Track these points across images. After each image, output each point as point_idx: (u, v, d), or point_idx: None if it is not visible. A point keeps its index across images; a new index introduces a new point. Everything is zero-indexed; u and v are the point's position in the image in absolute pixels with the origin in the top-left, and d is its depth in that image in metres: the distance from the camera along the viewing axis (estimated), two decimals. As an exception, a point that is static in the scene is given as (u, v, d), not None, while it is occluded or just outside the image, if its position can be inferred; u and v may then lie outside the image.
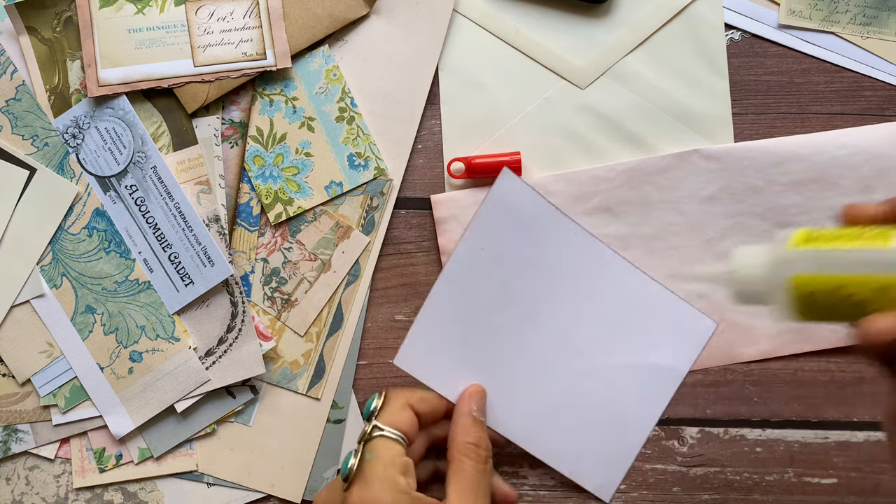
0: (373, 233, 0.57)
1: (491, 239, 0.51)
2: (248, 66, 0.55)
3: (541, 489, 0.58)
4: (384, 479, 0.44)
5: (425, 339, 0.50)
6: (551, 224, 0.52)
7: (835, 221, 0.55)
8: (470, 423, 0.48)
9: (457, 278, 0.51)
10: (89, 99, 0.55)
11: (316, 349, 0.57)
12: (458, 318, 0.51)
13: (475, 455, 0.46)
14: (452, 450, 0.47)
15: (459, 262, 0.51)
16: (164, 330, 0.56)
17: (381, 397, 0.48)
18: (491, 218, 0.51)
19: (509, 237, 0.51)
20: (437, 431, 0.50)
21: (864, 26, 0.58)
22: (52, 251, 0.55)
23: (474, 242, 0.51)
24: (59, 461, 0.57)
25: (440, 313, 0.51)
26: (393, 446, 0.45)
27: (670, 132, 0.58)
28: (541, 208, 0.52)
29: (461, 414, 0.48)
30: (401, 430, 0.46)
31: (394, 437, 0.45)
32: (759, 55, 0.59)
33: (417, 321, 0.50)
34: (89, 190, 0.55)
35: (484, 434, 0.48)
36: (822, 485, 0.57)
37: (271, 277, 0.57)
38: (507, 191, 0.51)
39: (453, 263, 0.50)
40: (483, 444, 0.47)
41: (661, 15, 0.58)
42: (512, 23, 0.58)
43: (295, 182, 0.57)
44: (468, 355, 0.52)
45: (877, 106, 0.58)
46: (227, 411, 0.57)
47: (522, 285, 0.52)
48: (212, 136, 0.56)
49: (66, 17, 0.55)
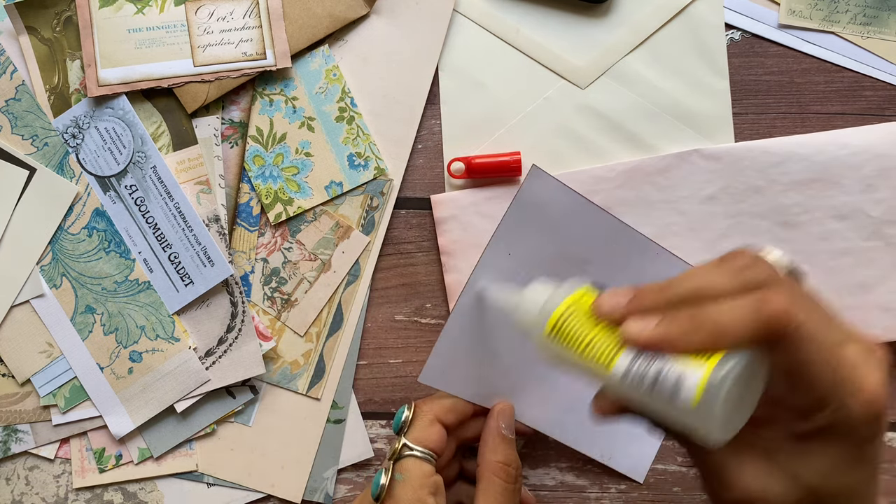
0: (373, 233, 0.57)
1: (518, 242, 0.48)
2: (247, 65, 0.55)
3: (541, 490, 0.58)
4: (414, 501, 0.44)
5: (450, 352, 0.48)
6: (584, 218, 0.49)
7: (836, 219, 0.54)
8: (499, 442, 0.47)
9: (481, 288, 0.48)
10: (89, 99, 0.55)
11: (316, 349, 0.57)
12: (483, 325, 0.49)
13: (505, 475, 0.46)
14: (482, 468, 0.47)
15: (485, 270, 0.48)
16: (164, 330, 0.55)
17: (411, 409, 0.48)
18: (519, 220, 0.48)
19: (537, 238, 0.49)
20: (465, 433, 0.50)
21: (865, 26, 0.58)
22: (52, 251, 0.55)
23: (501, 248, 0.48)
24: (58, 461, 0.57)
25: (464, 324, 0.48)
26: (423, 466, 0.45)
27: (670, 132, 0.58)
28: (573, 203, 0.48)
29: (490, 432, 0.48)
30: (430, 447, 0.46)
31: (423, 455, 0.45)
32: (759, 55, 0.59)
33: (441, 338, 0.48)
34: (89, 190, 0.55)
35: (513, 452, 0.48)
36: (822, 485, 0.57)
37: (271, 277, 0.57)
38: (535, 189, 0.47)
39: (479, 273, 0.48)
40: (513, 462, 0.47)
41: (662, 15, 0.58)
42: (512, 23, 0.58)
43: (295, 182, 0.57)
44: (496, 359, 0.50)
45: (877, 106, 0.58)
46: (227, 411, 0.56)
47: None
48: (212, 136, 0.56)
49: (66, 16, 0.55)
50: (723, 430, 0.34)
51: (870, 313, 0.56)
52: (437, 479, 0.45)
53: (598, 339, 0.37)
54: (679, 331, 0.34)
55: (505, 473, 0.46)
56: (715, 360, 0.33)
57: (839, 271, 0.56)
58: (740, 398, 0.34)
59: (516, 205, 0.47)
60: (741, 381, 0.33)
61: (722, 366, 0.33)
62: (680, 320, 0.34)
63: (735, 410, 0.34)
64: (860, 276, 0.56)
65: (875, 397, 0.33)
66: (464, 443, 0.50)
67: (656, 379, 0.35)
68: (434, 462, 0.46)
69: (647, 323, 0.35)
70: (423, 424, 0.47)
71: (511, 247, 0.48)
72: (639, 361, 0.35)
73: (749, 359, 0.33)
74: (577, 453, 0.58)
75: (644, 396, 0.35)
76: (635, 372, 0.35)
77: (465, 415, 0.49)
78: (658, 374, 0.34)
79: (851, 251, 0.56)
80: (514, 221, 0.48)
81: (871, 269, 0.56)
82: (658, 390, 0.34)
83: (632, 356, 0.36)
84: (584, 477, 0.58)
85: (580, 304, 0.39)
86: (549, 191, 0.48)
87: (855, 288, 0.56)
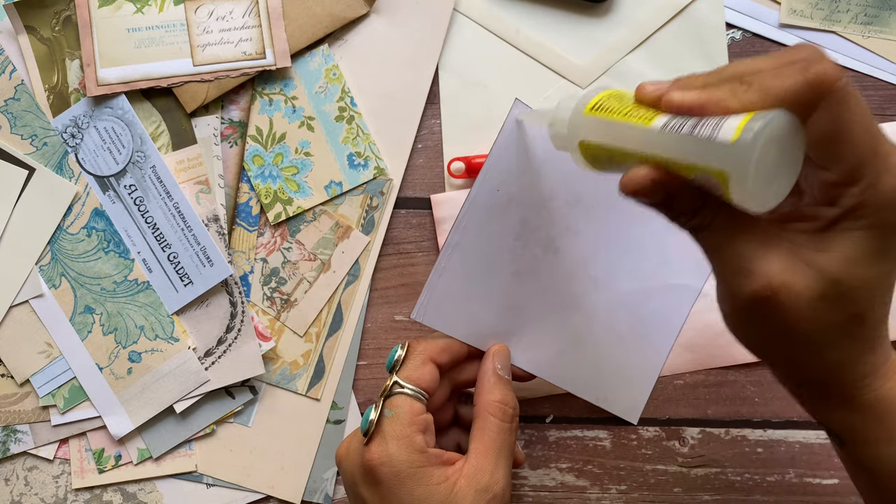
0: (372, 233, 0.57)
1: (506, 178, 0.48)
2: (247, 65, 0.55)
3: (541, 490, 0.57)
4: (402, 437, 0.44)
5: (443, 290, 0.49)
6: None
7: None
8: (495, 381, 0.47)
9: (473, 224, 0.49)
10: (88, 98, 0.55)
11: (315, 349, 0.57)
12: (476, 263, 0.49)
13: (501, 413, 0.46)
14: (478, 408, 0.46)
15: (475, 206, 0.48)
16: (164, 330, 0.55)
17: (404, 348, 0.48)
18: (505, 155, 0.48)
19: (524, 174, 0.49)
20: (459, 376, 0.50)
21: (866, 26, 0.58)
22: (51, 251, 0.55)
23: (489, 184, 0.48)
24: (58, 462, 0.57)
25: (457, 262, 0.49)
26: (413, 404, 0.45)
27: (671, 132, 0.58)
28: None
29: (486, 373, 0.48)
30: (421, 386, 0.46)
31: (414, 394, 0.45)
32: (760, 54, 0.58)
33: (434, 274, 0.48)
34: (88, 190, 0.55)
35: (510, 392, 0.47)
36: (823, 485, 0.57)
37: (271, 277, 0.57)
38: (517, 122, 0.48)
39: (468, 209, 0.48)
40: (510, 402, 0.47)
41: (662, 14, 0.58)
42: (512, 22, 0.58)
43: (294, 182, 0.57)
44: (489, 299, 0.50)
45: (878, 106, 0.58)
46: (227, 412, 0.56)
47: (541, 221, 0.50)
48: (211, 136, 0.56)
49: (65, 16, 0.55)
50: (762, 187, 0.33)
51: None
52: (427, 418, 0.45)
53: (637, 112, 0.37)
54: (722, 94, 0.34)
55: (501, 412, 0.46)
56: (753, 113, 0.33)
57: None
58: (779, 158, 0.33)
59: (500, 139, 0.47)
60: (780, 137, 0.33)
61: (762, 114, 0.33)
62: (724, 88, 0.34)
63: (773, 174, 0.33)
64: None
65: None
66: (459, 386, 0.50)
67: (696, 125, 0.34)
68: (425, 401, 0.46)
69: (691, 91, 0.34)
70: (415, 363, 0.46)
71: (500, 183, 0.48)
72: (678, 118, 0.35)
73: (788, 117, 0.33)
74: (578, 454, 0.58)
75: (681, 143, 0.34)
76: (675, 123, 0.35)
77: (459, 356, 0.49)
78: (698, 121, 0.34)
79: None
80: (500, 157, 0.48)
81: None
82: (697, 133, 0.34)
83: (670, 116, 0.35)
84: (584, 477, 0.58)
85: (617, 94, 0.39)
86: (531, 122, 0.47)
87: None
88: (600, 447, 0.58)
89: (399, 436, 0.44)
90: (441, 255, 0.48)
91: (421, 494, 0.43)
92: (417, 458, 0.43)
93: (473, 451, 0.45)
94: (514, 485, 0.57)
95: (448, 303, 0.49)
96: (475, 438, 0.46)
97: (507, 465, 0.45)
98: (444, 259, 0.48)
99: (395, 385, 0.46)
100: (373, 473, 0.44)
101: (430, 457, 0.44)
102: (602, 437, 0.58)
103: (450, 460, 0.45)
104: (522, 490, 0.57)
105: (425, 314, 0.48)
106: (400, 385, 0.45)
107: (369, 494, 0.44)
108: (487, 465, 0.44)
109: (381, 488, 0.43)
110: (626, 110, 0.38)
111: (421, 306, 0.48)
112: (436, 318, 0.49)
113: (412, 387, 0.45)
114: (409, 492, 0.43)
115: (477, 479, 0.44)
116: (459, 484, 0.43)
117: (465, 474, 0.44)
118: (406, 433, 0.44)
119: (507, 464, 0.45)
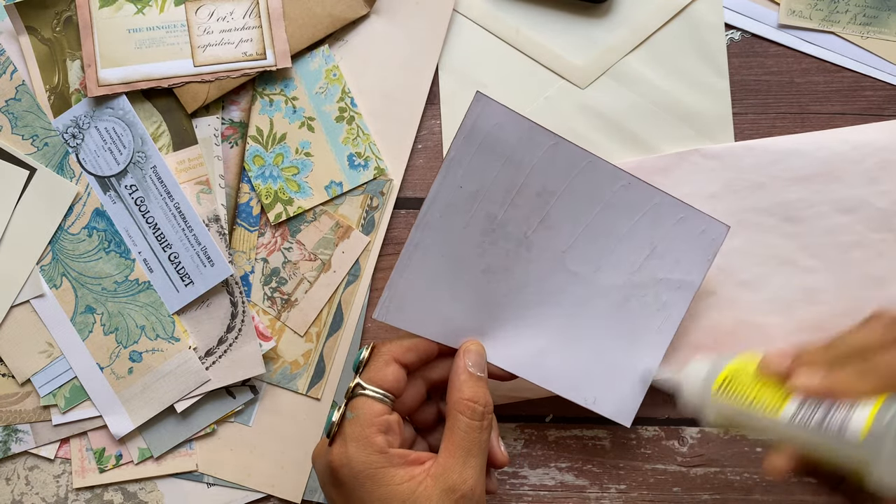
0: (373, 233, 0.57)
1: (468, 175, 0.47)
2: (247, 65, 0.55)
3: (541, 490, 0.58)
4: (360, 438, 0.44)
5: (407, 289, 0.48)
6: (536, 144, 0.47)
7: (842, 213, 0.55)
8: (465, 379, 0.46)
9: (435, 222, 0.47)
10: (89, 99, 0.55)
11: (316, 349, 0.57)
12: (441, 261, 0.48)
13: (470, 412, 0.45)
14: (449, 405, 0.46)
15: (436, 205, 0.47)
16: (164, 330, 0.55)
17: (369, 349, 0.47)
18: (466, 151, 0.46)
19: (489, 168, 0.47)
20: (433, 375, 0.49)
21: (865, 26, 0.58)
22: (52, 251, 0.55)
23: (450, 181, 0.47)
24: (58, 461, 0.57)
25: (419, 261, 0.48)
26: (374, 405, 0.45)
27: (671, 132, 0.58)
28: (522, 129, 0.47)
29: (456, 370, 0.47)
30: (384, 387, 0.45)
31: (375, 395, 0.45)
32: (759, 55, 0.59)
33: (395, 273, 0.47)
34: (89, 190, 0.55)
35: (481, 390, 0.46)
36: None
37: (271, 277, 0.57)
38: (480, 115, 0.46)
39: (429, 207, 0.47)
40: (480, 399, 0.46)
41: (662, 15, 0.58)
42: (512, 23, 0.58)
43: (295, 182, 0.57)
44: (457, 297, 0.49)
45: (877, 106, 0.58)
46: (227, 411, 0.56)
47: (510, 216, 0.48)
48: (212, 136, 0.56)
49: (66, 16, 0.55)
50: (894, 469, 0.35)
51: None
52: (390, 419, 0.45)
53: (764, 393, 0.41)
54: (848, 378, 0.36)
55: (470, 410, 0.45)
56: (882, 399, 0.36)
57: (852, 265, 0.56)
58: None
59: (461, 134, 0.46)
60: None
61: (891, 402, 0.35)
62: (848, 370, 0.37)
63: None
64: (874, 268, 0.56)
65: None
66: (435, 384, 0.50)
67: (825, 416, 0.37)
68: (389, 402, 0.45)
69: (816, 374, 0.37)
70: (377, 365, 0.46)
71: (462, 179, 0.47)
72: (807, 405, 0.38)
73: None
74: (577, 453, 0.58)
75: (813, 435, 0.37)
76: (804, 413, 0.38)
77: (428, 355, 0.48)
78: (827, 412, 0.37)
79: (862, 244, 0.56)
80: (462, 152, 0.46)
81: (883, 261, 0.56)
82: (827, 427, 0.37)
83: (799, 402, 0.39)
84: (583, 477, 0.58)
85: (741, 368, 0.43)
86: (497, 118, 0.46)
87: (870, 281, 0.56)
88: (600, 446, 0.58)
89: (358, 437, 0.44)
90: (402, 253, 0.47)
91: (382, 494, 0.43)
92: (377, 459, 0.43)
93: (443, 450, 0.45)
94: (513, 484, 0.57)
95: (412, 302, 0.48)
96: (445, 437, 0.45)
97: (478, 463, 0.45)
98: (405, 258, 0.47)
99: (357, 387, 0.46)
100: (335, 474, 0.44)
101: (392, 457, 0.44)
102: (601, 436, 0.58)
103: (417, 460, 0.45)
104: (522, 489, 0.57)
105: (388, 314, 0.48)
106: (362, 387, 0.45)
107: (335, 495, 0.45)
108: (455, 464, 0.44)
109: (344, 489, 0.44)
110: (754, 393, 0.41)
111: (382, 306, 0.48)
112: (399, 318, 0.48)
113: (374, 388, 0.45)
114: (368, 492, 0.43)
115: (444, 478, 0.44)
116: (425, 484, 0.43)
117: (432, 474, 0.44)
118: (365, 434, 0.44)
119: (477, 462, 0.45)
